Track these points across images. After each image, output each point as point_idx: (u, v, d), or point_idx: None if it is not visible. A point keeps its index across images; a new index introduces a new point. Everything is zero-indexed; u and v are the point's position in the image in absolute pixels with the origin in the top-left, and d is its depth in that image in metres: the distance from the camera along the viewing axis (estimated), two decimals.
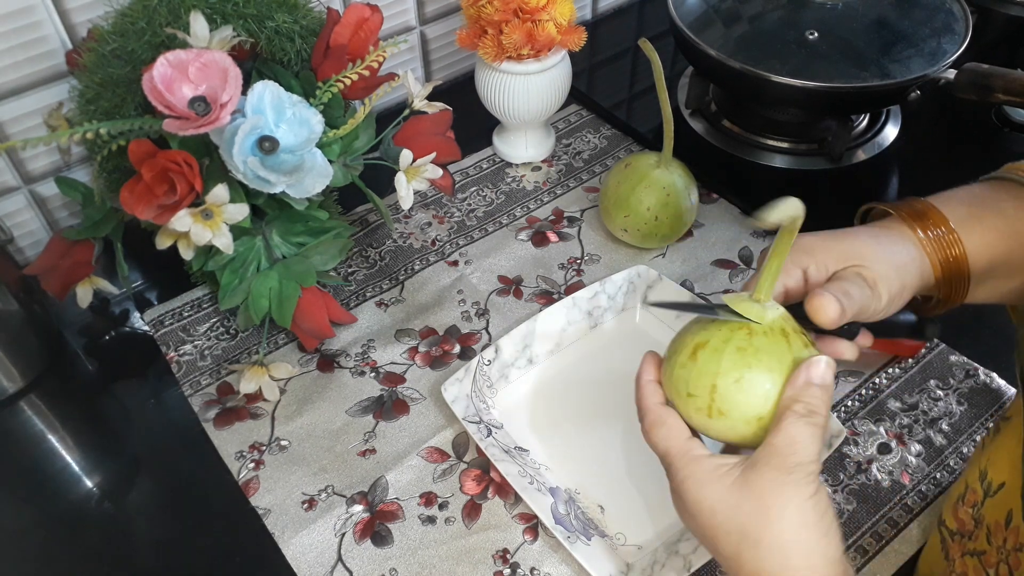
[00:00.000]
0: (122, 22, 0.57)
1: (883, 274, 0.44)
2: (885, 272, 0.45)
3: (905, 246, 0.46)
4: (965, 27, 0.74)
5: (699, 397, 0.40)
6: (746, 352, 0.39)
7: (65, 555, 0.55)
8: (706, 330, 0.41)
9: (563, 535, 0.51)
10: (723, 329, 0.41)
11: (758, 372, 0.39)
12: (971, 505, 0.45)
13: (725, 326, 0.41)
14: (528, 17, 0.68)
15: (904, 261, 0.46)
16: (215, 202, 0.51)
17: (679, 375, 0.41)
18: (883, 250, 0.46)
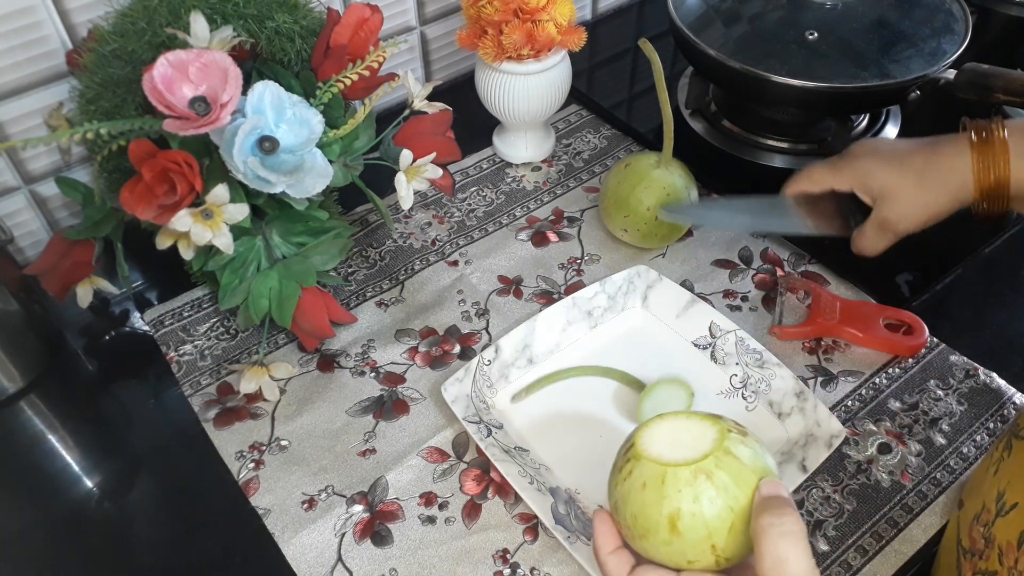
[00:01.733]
0: (122, 22, 0.57)
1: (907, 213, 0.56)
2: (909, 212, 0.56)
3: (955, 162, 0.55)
4: (965, 27, 0.74)
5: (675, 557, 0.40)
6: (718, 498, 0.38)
7: (65, 555, 0.55)
8: (647, 497, 0.40)
9: (563, 535, 0.51)
10: (683, 487, 0.39)
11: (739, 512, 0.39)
12: (984, 524, 0.45)
13: (684, 485, 0.39)
14: (528, 17, 0.68)
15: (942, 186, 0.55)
16: (215, 202, 0.51)
17: (656, 553, 0.41)
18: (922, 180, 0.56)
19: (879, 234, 0.58)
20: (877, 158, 0.57)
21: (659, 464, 0.40)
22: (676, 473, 0.39)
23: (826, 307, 0.66)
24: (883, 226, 0.57)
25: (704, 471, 0.39)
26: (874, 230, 0.58)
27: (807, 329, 0.65)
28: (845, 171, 0.58)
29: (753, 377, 0.61)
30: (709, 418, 0.42)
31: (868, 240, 0.59)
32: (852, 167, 0.58)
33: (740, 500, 0.38)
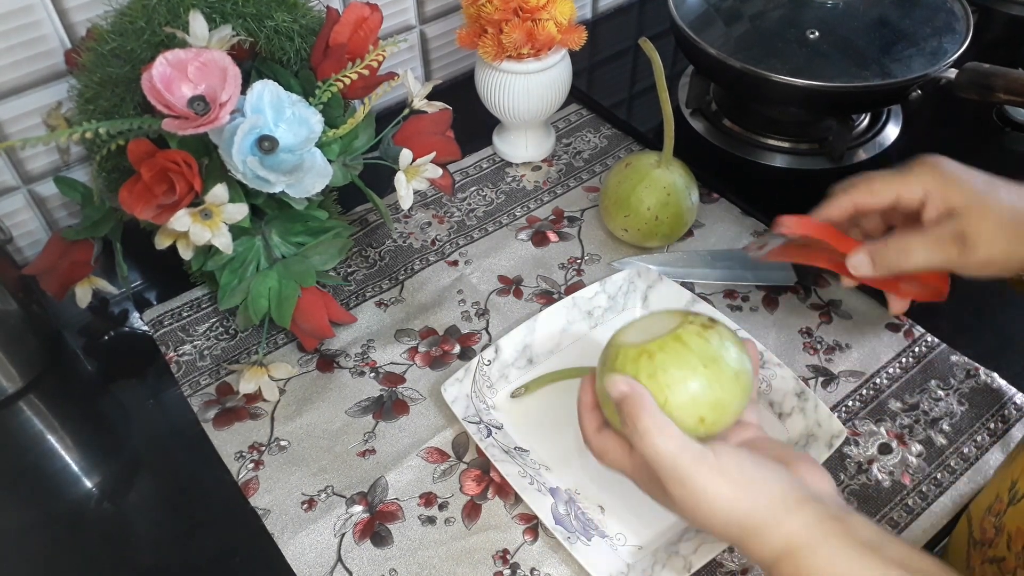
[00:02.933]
0: (121, 21, 0.56)
1: (991, 238, 0.46)
2: (996, 235, 0.46)
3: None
4: (966, 26, 0.74)
5: None
6: (656, 376, 0.44)
7: (65, 555, 0.55)
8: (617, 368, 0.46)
9: (563, 535, 0.51)
10: (628, 365, 0.46)
11: (677, 390, 0.44)
12: (995, 514, 0.45)
13: (630, 363, 0.45)
14: (528, 16, 0.68)
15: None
16: (214, 202, 0.51)
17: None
18: (1012, 209, 0.46)
19: (944, 244, 0.47)
20: (959, 168, 0.49)
21: (617, 346, 0.47)
22: (625, 353, 0.46)
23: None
24: (957, 237, 0.47)
25: (647, 352, 0.45)
26: (943, 237, 0.47)
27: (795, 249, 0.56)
28: (919, 175, 0.49)
29: None
30: (681, 313, 0.48)
31: (925, 245, 0.47)
32: (929, 169, 0.49)
33: (677, 381, 0.44)
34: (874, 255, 0.49)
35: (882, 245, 0.49)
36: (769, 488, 0.41)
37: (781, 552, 0.40)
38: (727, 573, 0.52)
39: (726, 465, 0.42)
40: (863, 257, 0.49)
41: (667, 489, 0.42)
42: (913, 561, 0.38)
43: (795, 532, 0.40)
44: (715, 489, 0.41)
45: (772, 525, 0.40)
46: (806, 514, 0.40)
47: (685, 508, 0.42)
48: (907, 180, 0.49)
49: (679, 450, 0.42)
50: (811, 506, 0.41)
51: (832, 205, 0.51)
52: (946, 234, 0.47)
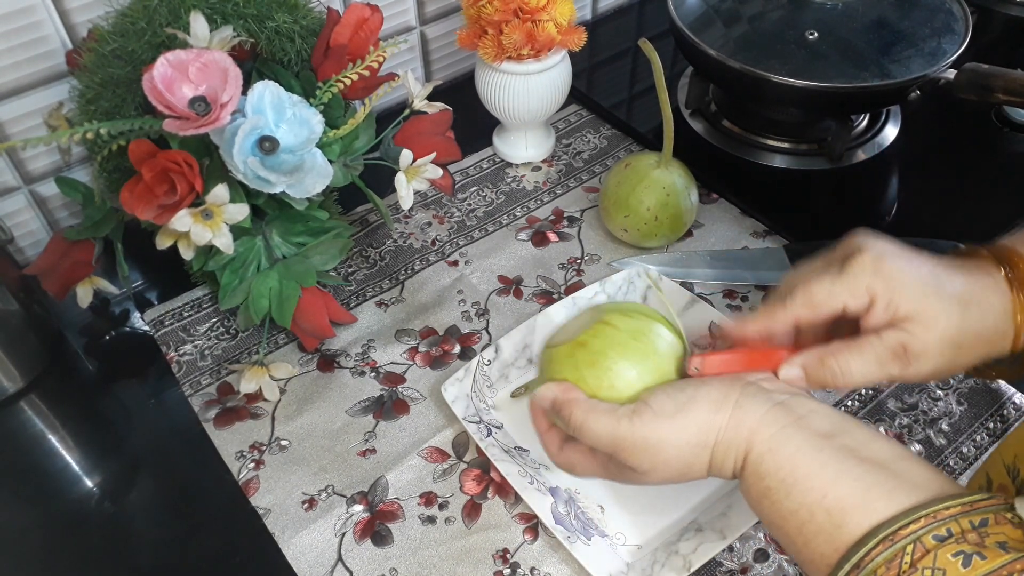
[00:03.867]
0: (122, 22, 0.57)
1: (935, 351, 0.42)
2: (940, 348, 0.42)
3: (995, 305, 0.42)
4: (965, 27, 0.74)
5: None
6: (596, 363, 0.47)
7: (65, 555, 0.55)
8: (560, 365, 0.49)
9: (563, 535, 0.51)
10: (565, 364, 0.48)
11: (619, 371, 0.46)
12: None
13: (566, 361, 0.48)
14: (528, 17, 0.68)
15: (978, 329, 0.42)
16: (215, 202, 0.51)
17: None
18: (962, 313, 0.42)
19: (885, 362, 0.42)
20: (904, 263, 0.43)
21: (549, 351, 0.49)
22: (559, 353, 0.48)
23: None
24: (898, 354, 0.42)
25: (580, 344, 0.47)
26: (884, 355, 0.42)
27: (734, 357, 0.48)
28: (863, 279, 0.42)
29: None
30: (594, 308, 0.51)
31: (865, 364, 0.43)
32: (873, 272, 0.42)
33: (616, 361, 0.46)
34: (808, 371, 0.44)
35: (817, 363, 0.43)
36: (705, 395, 0.42)
37: (743, 453, 0.41)
38: (727, 573, 0.52)
39: (659, 405, 0.43)
40: (797, 372, 0.44)
41: (630, 464, 0.43)
42: (866, 448, 0.38)
43: (750, 426, 0.40)
44: (661, 431, 0.42)
45: (724, 427, 0.41)
46: (753, 403, 0.41)
47: (655, 469, 0.43)
48: (852, 289, 0.42)
49: (615, 421, 0.43)
50: (754, 394, 0.41)
51: (770, 315, 0.45)
52: (887, 351, 0.42)
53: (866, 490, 0.37)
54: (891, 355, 0.42)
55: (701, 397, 0.43)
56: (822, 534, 0.37)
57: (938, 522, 0.34)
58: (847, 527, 0.36)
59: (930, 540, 0.34)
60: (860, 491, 0.37)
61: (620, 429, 0.43)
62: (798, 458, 0.39)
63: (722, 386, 0.43)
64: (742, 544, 0.54)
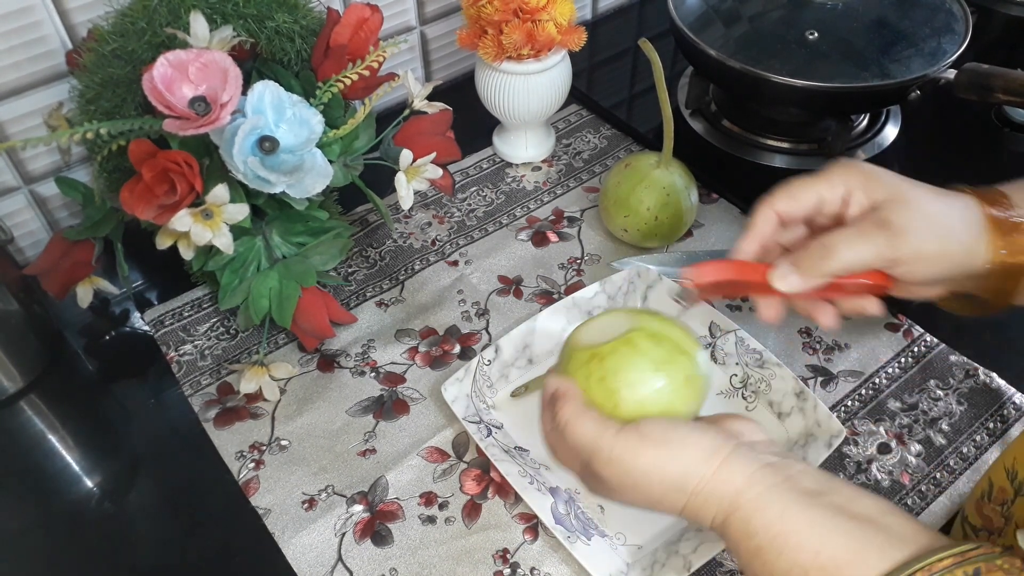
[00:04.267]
0: (122, 22, 0.57)
1: (917, 226, 0.43)
2: (921, 224, 0.43)
3: (965, 213, 0.45)
4: (965, 27, 0.74)
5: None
6: (605, 380, 0.45)
7: (65, 555, 0.55)
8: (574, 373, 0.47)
9: (563, 535, 0.51)
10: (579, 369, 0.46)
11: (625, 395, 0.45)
12: (1000, 503, 0.45)
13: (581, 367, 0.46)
14: (528, 17, 0.68)
15: (956, 226, 0.44)
16: (215, 202, 0.51)
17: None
18: (938, 204, 0.44)
19: (868, 233, 0.44)
20: (879, 168, 0.47)
21: (572, 347, 0.48)
22: (578, 356, 0.47)
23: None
24: (881, 224, 0.44)
25: (598, 356, 0.45)
26: (867, 228, 0.44)
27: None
28: (839, 174, 0.46)
29: (753, 377, 0.61)
30: (639, 313, 0.48)
31: (848, 238, 0.44)
32: (848, 167, 0.46)
33: (624, 385, 0.44)
34: (797, 262, 0.45)
35: (803, 250, 0.45)
36: (696, 442, 0.42)
37: (728, 509, 0.40)
38: (726, 572, 0.52)
39: (649, 431, 0.42)
40: (785, 267, 0.45)
41: (600, 473, 0.43)
42: (854, 505, 0.38)
43: (736, 485, 0.40)
44: (642, 457, 0.41)
45: (708, 479, 0.40)
46: (741, 463, 0.41)
47: (623, 490, 0.43)
48: (828, 179, 0.46)
49: (599, 429, 0.43)
50: (744, 454, 0.41)
51: (756, 222, 0.47)
52: (870, 224, 0.44)
53: (859, 546, 0.36)
54: (874, 226, 0.44)
55: (692, 443, 0.42)
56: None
57: (935, 575, 0.34)
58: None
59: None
60: (853, 548, 0.36)
61: (602, 439, 0.43)
62: (788, 516, 0.38)
63: (715, 439, 0.42)
64: None
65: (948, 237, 0.44)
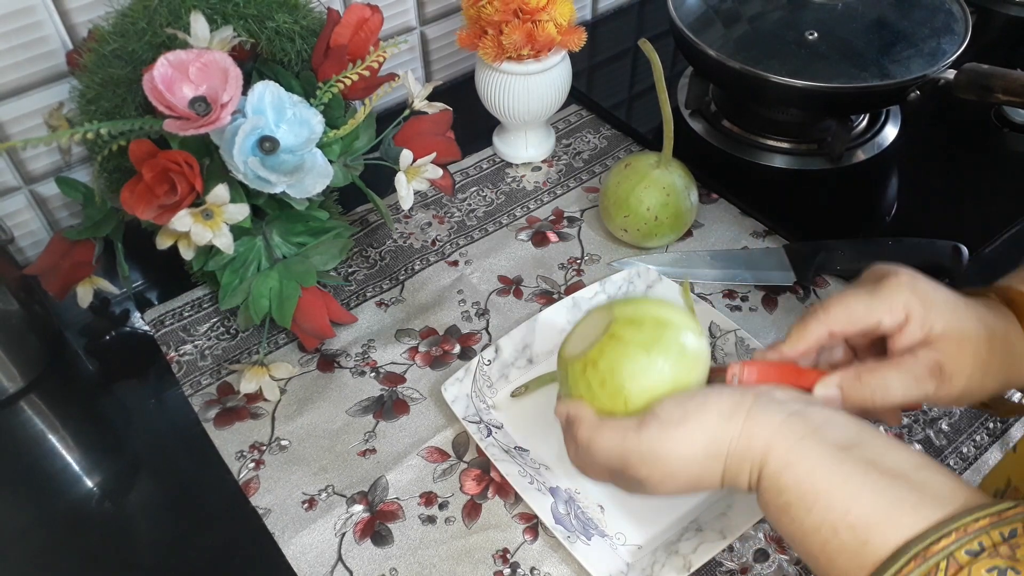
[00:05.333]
0: (123, 22, 0.57)
1: (968, 371, 0.43)
2: (973, 367, 0.43)
3: (1011, 332, 0.44)
4: (965, 27, 0.74)
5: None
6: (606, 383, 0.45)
7: (65, 555, 0.55)
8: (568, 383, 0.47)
9: (563, 535, 0.51)
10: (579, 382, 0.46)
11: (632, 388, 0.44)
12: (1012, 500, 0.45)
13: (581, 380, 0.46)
14: (528, 17, 0.68)
15: (1007, 361, 0.44)
16: (215, 202, 0.51)
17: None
18: (990, 340, 0.43)
19: (922, 379, 0.42)
20: (932, 287, 0.44)
21: (565, 363, 0.47)
22: (573, 369, 0.46)
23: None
24: (934, 372, 0.42)
25: (590, 362, 0.45)
26: (920, 372, 0.42)
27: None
28: (898, 296, 0.43)
29: None
30: (606, 308, 0.47)
31: (903, 380, 0.43)
32: (909, 290, 0.43)
33: (627, 379, 0.44)
34: (847, 389, 0.44)
35: (855, 379, 0.43)
36: (715, 404, 0.41)
37: (759, 464, 0.39)
38: (727, 572, 0.52)
39: (667, 414, 0.42)
40: (834, 391, 0.44)
41: (637, 477, 0.42)
42: (886, 458, 0.37)
43: (765, 439, 0.39)
44: (669, 442, 0.41)
45: (738, 437, 0.40)
46: (766, 414, 0.40)
47: (664, 481, 0.42)
48: (889, 303, 0.43)
49: (621, 435, 0.42)
50: (766, 404, 0.40)
51: (805, 333, 0.45)
52: (924, 368, 0.42)
53: (890, 504, 0.36)
54: (927, 372, 0.42)
55: (711, 405, 0.41)
56: (847, 552, 0.36)
57: (968, 536, 0.33)
58: (873, 544, 0.35)
59: (963, 555, 0.33)
60: (884, 506, 0.36)
61: (627, 442, 0.42)
62: (818, 472, 0.38)
63: (733, 395, 0.41)
64: (742, 544, 0.54)
65: (997, 376, 0.44)
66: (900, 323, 0.43)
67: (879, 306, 0.43)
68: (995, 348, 0.43)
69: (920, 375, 0.42)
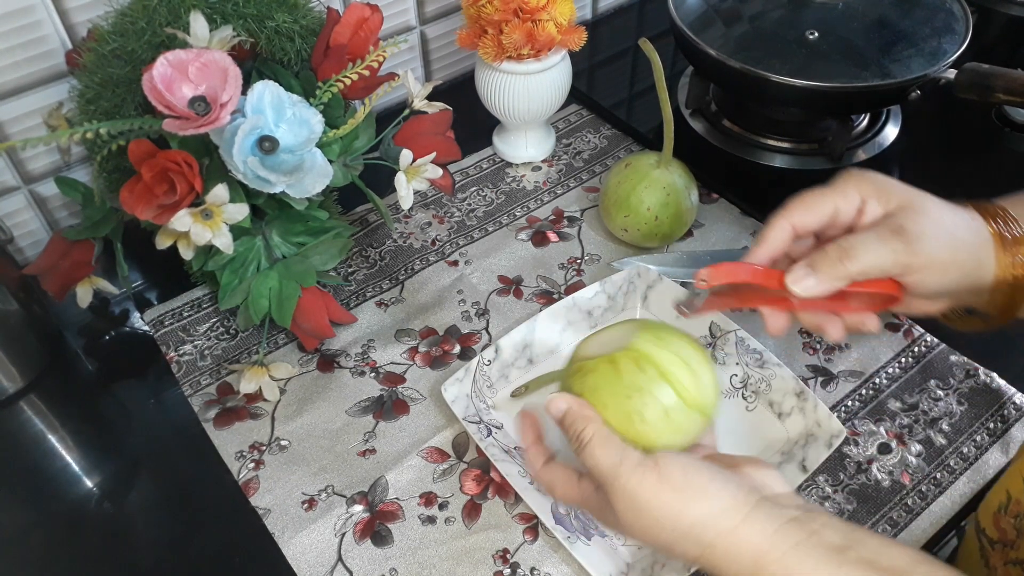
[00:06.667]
0: (122, 22, 0.57)
1: (930, 233, 0.43)
2: (934, 232, 0.43)
3: (972, 224, 0.45)
4: (965, 27, 0.74)
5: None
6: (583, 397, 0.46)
7: (65, 555, 0.55)
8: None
9: (563, 535, 0.51)
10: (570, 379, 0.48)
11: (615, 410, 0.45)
12: (1014, 516, 0.45)
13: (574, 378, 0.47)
14: (528, 17, 0.68)
15: (966, 237, 0.44)
16: (215, 202, 0.51)
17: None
18: (948, 215, 0.44)
19: (885, 238, 0.43)
20: (890, 178, 0.46)
21: (572, 356, 0.49)
22: (570, 366, 0.48)
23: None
24: (896, 231, 0.43)
25: (581, 371, 0.47)
26: (883, 232, 0.43)
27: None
28: (853, 184, 0.45)
29: (753, 377, 0.61)
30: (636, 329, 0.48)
31: (866, 241, 0.44)
32: (860, 177, 0.46)
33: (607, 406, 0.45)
34: (814, 264, 0.44)
35: (821, 252, 0.44)
36: (717, 493, 0.40)
37: (751, 570, 0.39)
38: None
39: (669, 472, 0.41)
40: (802, 270, 0.44)
41: (613, 504, 0.42)
42: (881, 559, 0.37)
43: (759, 546, 0.38)
44: (658, 498, 0.40)
45: (727, 534, 0.39)
46: (764, 520, 0.39)
47: (633, 527, 0.41)
48: (843, 190, 0.45)
49: (620, 458, 0.42)
50: (767, 510, 0.40)
51: (770, 234, 0.46)
52: (886, 229, 0.43)
53: None
54: (890, 232, 0.43)
55: (712, 493, 0.40)
56: None
57: None
58: None
59: None
60: None
61: (621, 469, 0.41)
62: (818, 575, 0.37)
63: (736, 493, 0.40)
64: None
65: (959, 248, 0.44)
66: (858, 207, 0.45)
67: (834, 195, 0.45)
68: (959, 225, 0.44)
69: (883, 235, 0.43)
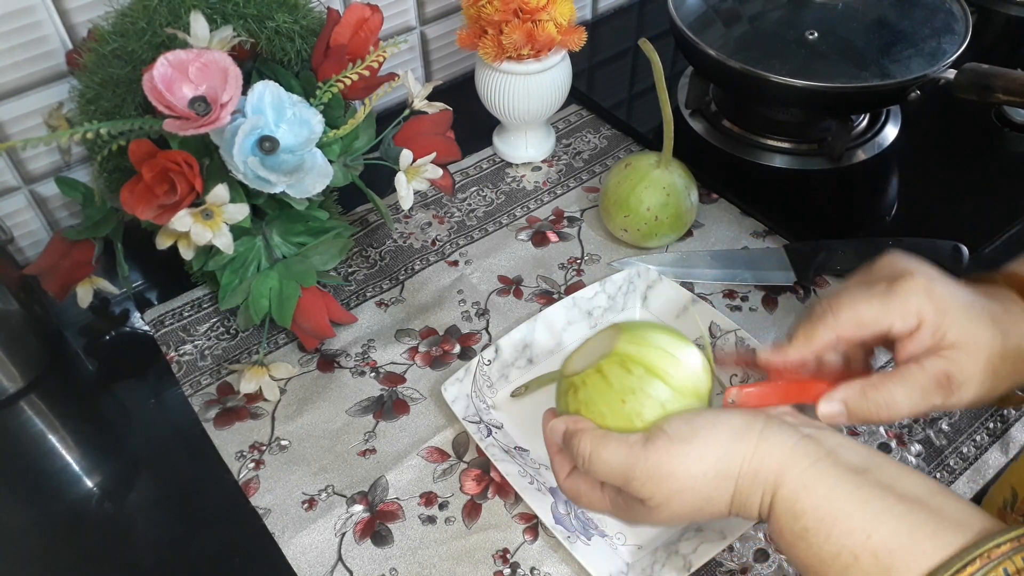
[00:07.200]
0: (122, 22, 0.57)
1: (980, 381, 0.41)
2: (985, 379, 0.41)
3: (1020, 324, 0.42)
4: (965, 27, 0.74)
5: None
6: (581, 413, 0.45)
7: (65, 555, 0.55)
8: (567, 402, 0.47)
9: (563, 535, 0.51)
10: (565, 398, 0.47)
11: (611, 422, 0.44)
12: (1022, 513, 0.44)
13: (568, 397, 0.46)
14: (528, 17, 0.68)
15: (1018, 363, 0.42)
16: (215, 202, 0.51)
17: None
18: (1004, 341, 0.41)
19: (929, 392, 0.41)
20: (948, 289, 0.42)
21: (561, 376, 0.48)
22: (563, 385, 0.47)
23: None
24: (942, 383, 0.41)
25: (574, 386, 0.46)
26: (928, 385, 0.41)
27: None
28: (911, 300, 0.41)
29: (753, 377, 0.61)
30: (615, 332, 0.47)
31: (909, 394, 0.41)
32: (923, 295, 0.41)
33: (598, 417, 0.44)
34: (850, 404, 0.42)
35: (860, 396, 0.42)
36: (726, 421, 0.40)
37: (773, 486, 0.38)
38: (727, 573, 0.52)
39: (675, 429, 0.40)
40: (838, 407, 0.42)
41: (640, 496, 0.40)
42: (901, 484, 0.37)
43: (779, 459, 0.38)
44: (677, 458, 0.39)
45: (750, 457, 0.38)
46: (779, 434, 0.39)
47: (669, 501, 0.40)
48: (903, 310, 0.41)
49: (626, 448, 0.41)
50: (779, 426, 0.39)
51: (813, 337, 0.43)
52: (931, 380, 0.41)
53: (911, 530, 0.35)
54: (935, 384, 0.41)
55: (722, 423, 0.40)
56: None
57: (992, 562, 0.33)
58: (896, 571, 0.34)
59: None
60: (905, 532, 0.35)
61: (632, 456, 0.40)
62: (836, 496, 0.37)
63: (745, 415, 0.40)
64: (742, 544, 0.54)
65: (1004, 376, 0.42)
66: (911, 329, 0.41)
67: (891, 313, 0.41)
68: (1008, 355, 0.41)
69: (927, 388, 0.41)
